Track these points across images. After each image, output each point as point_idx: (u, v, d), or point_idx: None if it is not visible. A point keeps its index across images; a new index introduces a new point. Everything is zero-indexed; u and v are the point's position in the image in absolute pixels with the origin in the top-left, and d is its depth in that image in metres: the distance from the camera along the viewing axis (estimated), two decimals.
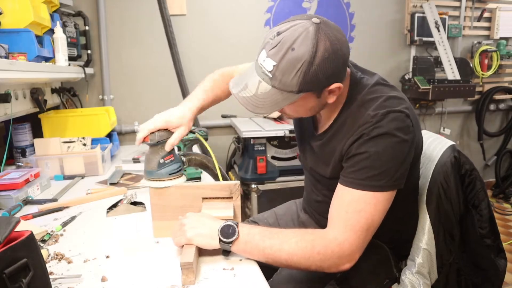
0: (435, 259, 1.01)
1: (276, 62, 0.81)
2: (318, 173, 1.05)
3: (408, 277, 1.01)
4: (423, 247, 1.01)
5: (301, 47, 0.79)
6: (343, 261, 0.84)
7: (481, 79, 3.20)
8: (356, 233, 0.84)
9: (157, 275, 0.82)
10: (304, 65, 0.79)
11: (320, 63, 0.80)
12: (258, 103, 0.86)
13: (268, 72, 0.82)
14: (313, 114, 0.97)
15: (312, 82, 0.82)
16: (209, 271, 0.83)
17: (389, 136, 0.84)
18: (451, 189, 1.00)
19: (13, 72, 1.23)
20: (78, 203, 1.27)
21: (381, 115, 0.85)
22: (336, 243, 0.84)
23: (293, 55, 0.80)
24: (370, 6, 2.88)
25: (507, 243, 2.52)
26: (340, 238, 0.84)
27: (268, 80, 0.83)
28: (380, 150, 0.84)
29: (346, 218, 0.85)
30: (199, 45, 2.62)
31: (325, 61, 0.80)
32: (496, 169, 3.40)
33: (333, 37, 0.81)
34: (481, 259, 1.03)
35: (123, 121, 2.54)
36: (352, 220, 0.84)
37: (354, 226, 0.84)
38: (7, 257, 0.58)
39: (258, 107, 0.87)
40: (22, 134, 1.72)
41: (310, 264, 0.84)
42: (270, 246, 0.84)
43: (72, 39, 2.10)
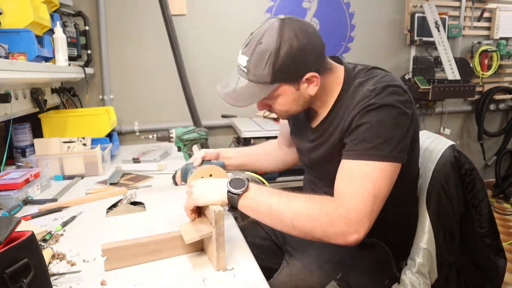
0: (435, 258, 1.01)
1: (248, 57, 0.89)
2: (317, 164, 1.05)
3: (408, 276, 1.01)
4: (423, 246, 1.01)
5: (267, 40, 0.87)
6: (350, 229, 0.80)
7: (481, 79, 3.20)
8: (364, 199, 0.81)
9: (157, 275, 0.82)
10: (272, 56, 0.86)
11: (287, 52, 0.86)
12: (237, 97, 0.94)
13: (243, 67, 0.91)
14: (302, 107, 0.98)
15: (282, 71, 0.88)
16: (209, 271, 0.83)
17: (390, 107, 0.85)
18: (451, 189, 1.01)
19: (13, 72, 1.23)
20: (78, 203, 1.27)
21: (380, 89, 0.87)
22: (344, 208, 0.81)
23: (261, 48, 0.87)
24: (370, 6, 2.88)
25: (507, 243, 2.52)
26: (347, 203, 0.81)
27: (244, 75, 0.91)
28: (382, 119, 0.84)
29: (351, 185, 0.83)
30: (198, 45, 2.61)
31: (291, 51, 0.86)
32: (496, 169, 3.40)
33: (298, 29, 0.87)
34: (481, 258, 1.03)
35: (123, 121, 2.54)
36: (358, 187, 0.82)
37: (360, 191, 0.81)
38: (8, 257, 0.58)
39: (237, 100, 0.94)
40: (22, 134, 1.72)
41: (316, 227, 0.81)
42: (277, 202, 0.84)
43: (72, 39, 2.10)
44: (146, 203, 1.24)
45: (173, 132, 1.45)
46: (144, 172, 1.63)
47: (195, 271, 0.83)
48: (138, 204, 1.23)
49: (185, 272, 0.83)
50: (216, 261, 0.82)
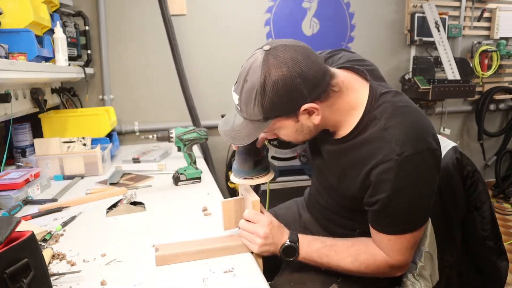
0: (437, 261, 1.01)
1: (238, 95, 0.84)
2: (326, 180, 1.03)
3: (409, 279, 1.01)
4: (424, 249, 1.00)
5: (252, 77, 0.80)
6: (395, 273, 0.95)
7: (481, 79, 3.20)
8: (403, 255, 0.90)
9: (156, 275, 0.82)
10: (258, 94, 0.79)
11: (273, 89, 0.78)
12: (235, 135, 0.89)
13: (237, 105, 0.87)
14: (310, 135, 0.91)
15: (272, 108, 0.81)
16: (209, 271, 0.83)
17: (417, 182, 0.82)
18: (453, 191, 1.00)
19: (13, 72, 1.23)
20: (78, 203, 1.27)
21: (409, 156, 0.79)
22: (387, 264, 0.91)
23: (247, 87, 0.81)
24: (370, 6, 2.88)
25: (507, 243, 2.52)
26: (389, 261, 0.91)
27: (239, 112, 0.88)
28: (412, 199, 0.83)
29: (390, 246, 0.90)
30: (198, 45, 2.61)
31: (278, 86, 0.78)
32: (496, 169, 3.40)
33: (284, 60, 0.79)
34: (483, 261, 1.03)
35: (123, 121, 2.54)
36: (396, 247, 0.89)
37: (399, 250, 0.89)
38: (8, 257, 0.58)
39: (235, 139, 0.89)
40: (22, 134, 1.72)
41: (364, 274, 0.94)
42: (328, 263, 0.93)
43: (72, 39, 2.10)
44: (146, 203, 1.24)
45: (173, 132, 1.45)
46: (144, 172, 1.63)
47: (195, 271, 0.83)
48: (138, 204, 1.23)
49: (185, 272, 0.83)
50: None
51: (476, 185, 1.00)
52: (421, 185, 0.83)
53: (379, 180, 0.82)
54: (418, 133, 0.82)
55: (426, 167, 0.82)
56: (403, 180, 0.81)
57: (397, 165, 0.79)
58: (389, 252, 0.90)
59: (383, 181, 0.81)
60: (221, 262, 0.87)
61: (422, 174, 0.82)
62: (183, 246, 0.91)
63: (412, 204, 0.84)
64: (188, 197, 1.33)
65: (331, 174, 0.98)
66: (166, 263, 0.86)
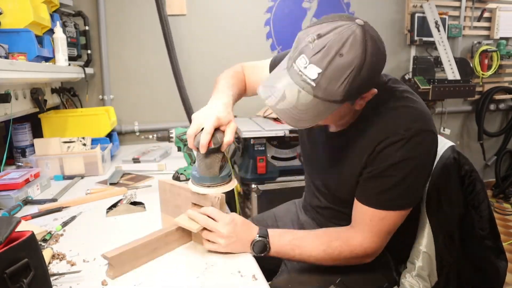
0: (435, 262, 1.00)
1: (322, 69, 0.73)
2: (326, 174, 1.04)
3: (408, 280, 1.01)
4: (422, 250, 1.00)
5: (351, 52, 0.72)
6: (366, 259, 0.94)
7: (481, 79, 3.20)
8: (380, 237, 0.91)
9: (156, 275, 0.82)
10: (354, 72, 0.73)
11: (369, 68, 0.74)
12: (300, 116, 0.78)
13: (311, 80, 0.74)
14: (343, 118, 0.91)
15: (357, 90, 0.77)
16: (209, 271, 0.83)
17: (418, 160, 0.85)
18: (450, 191, 0.99)
19: (13, 72, 1.23)
20: (78, 203, 1.27)
21: (413, 133, 0.83)
22: (362, 248, 0.91)
23: (341, 61, 0.72)
24: (370, 6, 2.88)
25: (507, 243, 2.52)
26: (365, 243, 0.90)
27: (310, 89, 0.75)
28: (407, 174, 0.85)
29: (371, 226, 0.90)
30: (199, 45, 2.61)
31: (373, 66, 0.75)
32: (496, 169, 3.40)
33: (378, 39, 0.77)
34: (482, 261, 1.02)
35: (123, 121, 2.54)
36: (376, 227, 0.90)
37: (378, 232, 0.90)
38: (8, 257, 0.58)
39: (300, 121, 0.79)
40: (22, 134, 1.72)
41: (338, 263, 0.93)
42: (300, 255, 0.92)
43: (72, 39, 2.10)
44: (146, 203, 1.24)
45: (173, 132, 1.45)
46: (144, 172, 1.63)
47: (193, 271, 0.83)
48: (138, 204, 1.23)
49: (185, 272, 0.83)
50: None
51: (474, 184, 1.00)
52: (419, 163, 0.85)
53: (383, 152, 0.85)
54: (423, 116, 0.86)
55: (427, 147, 0.86)
56: (404, 155, 0.83)
57: (402, 140, 0.83)
58: (367, 232, 0.90)
59: (385, 154, 0.85)
60: (221, 262, 0.87)
61: (423, 152, 0.85)
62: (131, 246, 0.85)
63: (405, 179, 0.85)
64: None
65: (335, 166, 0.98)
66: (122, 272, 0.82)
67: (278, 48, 2.75)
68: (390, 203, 0.88)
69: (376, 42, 0.76)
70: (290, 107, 0.78)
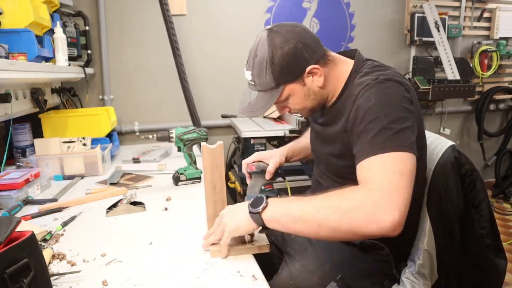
0: (435, 259, 1.01)
1: (251, 71, 0.99)
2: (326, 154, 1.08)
3: (408, 277, 1.01)
4: (423, 248, 1.01)
5: (261, 50, 0.95)
6: (378, 209, 0.73)
7: (481, 79, 3.20)
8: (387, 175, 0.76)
9: (156, 275, 0.82)
10: (268, 63, 0.94)
11: (280, 56, 0.93)
12: (252, 108, 1.02)
13: (250, 81, 1.00)
14: (317, 102, 1.02)
15: (282, 74, 0.94)
16: (209, 271, 0.83)
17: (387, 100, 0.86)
18: (451, 190, 1.00)
19: (13, 72, 1.23)
20: (78, 203, 1.27)
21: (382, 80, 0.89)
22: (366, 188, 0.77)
23: (258, 60, 0.96)
24: (370, 6, 2.88)
25: (507, 243, 2.52)
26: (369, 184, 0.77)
27: (253, 87, 1.01)
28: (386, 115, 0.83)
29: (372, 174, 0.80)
30: (199, 45, 2.61)
31: (283, 53, 0.93)
32: (496, 169, 3.40)
33: (285, 32, 0.95)
34: (481, 259, 1.03)
35: (123, 121, 2.54)
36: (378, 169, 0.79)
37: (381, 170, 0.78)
38: (8, 257, 0.58)
39: (252, 111, 1.02)
40: (22, 134, 1.72)
41: (341, 217, 0.76)
42: (297, 205, 0.82)
43: (72, 39, 2.10)
44: (146, 203, 1.24)
45: (173, 132, 1.45)
46: (144, 172, 1.63)
47: (193, 271, 0.83)
48: (138, 204, 1.23)
49: (185, 272, 0.83)
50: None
51: (474, 183, 1.01)
52: (393, 105, 0.85)
53: (360, 102, 0.89)
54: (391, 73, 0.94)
55: (396, 91, 0.88)
56: (379, 94, 0.87)
57: (372, 87, 0.89)
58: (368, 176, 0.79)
59: (363, 102, 0.88)
60: (221, 262, 0.87)
61: (393, 94, 0.87)
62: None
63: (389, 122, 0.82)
64: (188, 197, 1.33)
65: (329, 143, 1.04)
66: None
67: None
68: (384, 144, 0.80)
69: (283, 35, 0.94)
70: (246, 105, 1.03)
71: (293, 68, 0.95)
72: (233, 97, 2.69)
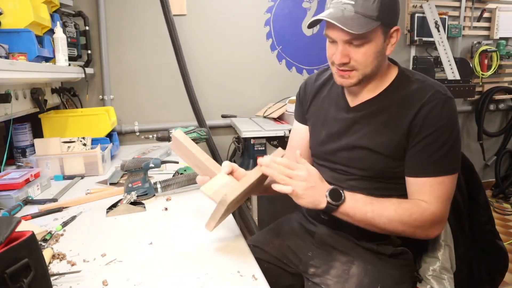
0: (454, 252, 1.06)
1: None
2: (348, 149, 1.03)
3: (433, 274, 1.03)
4: (444, 243, 1.04)
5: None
6: (434, 229, 0.94)
7: (481, 79, 3.20)
8: (444, 203, 0.93)
9: (156, 275, 0.82)
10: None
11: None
12: (349, 22, 0.89)
13: (350, 0, 0.90)
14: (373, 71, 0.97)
15: (387, 10, 0.91)
16: (209, 271, 0.83)
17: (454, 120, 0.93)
18: (460, 184, 1.07)
19: (13, 72, 1.23)
20: (78, 203, 1.27)
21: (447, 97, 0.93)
22: (429, 212, 0.91)
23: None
24: None
25: (507, 243, 2.52)
26: (432, 207, 0.91)
27: (351, 7, 0.90)
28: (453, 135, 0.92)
29: (432, 191, 0.92)
30: (199, 45, 2.62)
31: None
32: (496, 169, 3.40)
33: None
34: (487, 243, 1.12)
35: (123, 121, 2.54)
36: (437, 192, 0.92)
37: (440, 197, 0.92)
38: (8, 257, 0.58)
39: (348, 24, 0.89)
40: (22, 134, 1.72)
41: (405, 230, 0.92)
42: (372, 210, 0.91)
43: (72, 39, 2.10)
44: (146, 203, 1.24)
45: (173, 132, 1.45)
46: None
47: (193, 271, 0.83)
48: (138, 204, 1.23)
49: (186, 272, 0.83)
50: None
51: (471, 176, 1.12)
52: (457, 124, 0.94)
53: (428, 116, 0.91)
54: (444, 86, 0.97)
55: (456, 110, 0.95)
56: (448, 115, 0.92)
57: (443, 101, 0.92)
58: (431, 199, 0.92)
59: (432, 116, 0.91)
60: (221, 262, 0.87)
61: (456, 114, 0.94)
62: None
63: (454, 141, 0.92)
64: (188, 197, 1.33)
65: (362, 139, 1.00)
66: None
67: (278, 48, 2.75)
68: (447, 168, 0.92)
69: None
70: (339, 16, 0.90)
71: (394, 12, 0.95)
72: (233, 97, 2.70)
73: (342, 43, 0.93)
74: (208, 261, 0.87)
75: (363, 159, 1.00)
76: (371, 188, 0.99)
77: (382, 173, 0.99)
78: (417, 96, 0.94)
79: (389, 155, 0.96)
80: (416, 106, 0.93)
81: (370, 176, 1.00)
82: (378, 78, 1.01)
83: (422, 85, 0.96)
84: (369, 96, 1.02)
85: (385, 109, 0.98)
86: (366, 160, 1.00)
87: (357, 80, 0.98)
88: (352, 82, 0.98)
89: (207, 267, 0.85)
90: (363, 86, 1.02)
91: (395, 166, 0.97)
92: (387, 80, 1.01)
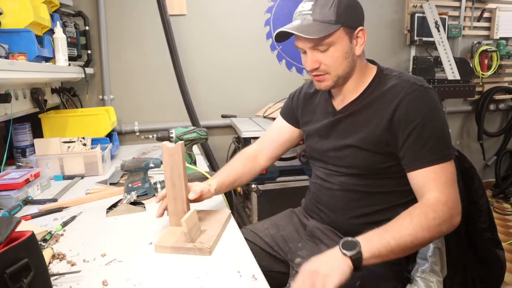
0: (445, 256, 1.04)
1: (314, 1, 0.97)
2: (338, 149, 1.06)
3: (421, 276, 1.02)
4: (434, 245, 1.03)
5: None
6: (454, 216, 0.90)
7: (481, 79, 3.20)
8: (451, 188, 0.91)
9: (156, 275, 0.82)
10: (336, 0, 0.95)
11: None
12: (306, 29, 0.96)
13: (308, 11, 0.97)
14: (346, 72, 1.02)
15: (345, 14, 0.96)
16: (209, 271, 0.83)
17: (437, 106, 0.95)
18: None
19: (13, 72, 1.23)
20: (78, 203, 1.27)
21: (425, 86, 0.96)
22: (441, 202, 0.89)
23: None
24: (370, 6, 2.88)
25: (507, 243, 2.52)
26: (442, 197, 0.89)
27: (309, 17, 0.97)
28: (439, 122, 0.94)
29: (437, 179, 0.91)
30: (199, 45, 2.62)
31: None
32: (496, 169, 3.40)
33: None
34: (485, 252, 1.08)
35: (123, 121, 2.54)
36: (442, 178, 0.91)
37: (446, 182, 0.91)
38: (8, 257, 0.58)
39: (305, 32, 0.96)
40: (22, 134, 1.73)
41: (433, 234, 0.87)
42: (392, 237, 0.84)
43: (72, 39, 2.10)
44: (146, 203, 1.24)
45: (173, 132, 1.45)
46: None
47: (193, 272, 0.83)
48: (138, 204, 1.23)
49: (185, 272, 0.83)
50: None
51: (472, 180, 1.08)
52: (441, 111, 0.96)
53: (409, 108, 0.94)
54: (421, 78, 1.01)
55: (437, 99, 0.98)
56: (429, 104, 0.95)
57: (421, 92, 0.95)
58: (437, 187, 0.90)
59: (413, 108, 0.94)
60: (221, 262, 0.87)
61: (438, 103, 0.97)
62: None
63: (442, 127, 0.94)
64: None
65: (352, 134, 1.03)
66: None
67: (278, 48, 2.75)
68: (445, 153, 0.92)
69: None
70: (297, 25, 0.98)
71: (354, 15, 0.99)
72: (233, 97, 2.69)
73: (310, 51, 1.00)
74: (208, 261, 0.87)
75: (350, 157, 1.04)
76: (360, 184, 1.04)
77: (370, 169, 1.02)
78: (394, 91, 0.98)
79: (374, 150, 0.99)
80: (395, 101, 0.96)
81: (359, 173, 1.04)
82: (357, 78, 1.05)
83: (398, 81, 1.00)
84: (352, 97, 1.06)
85: (367, 106, 1.02)
86: (353, 158, 1.03)
87: (332, 82, 1.03)
88: (328, 84, 1.04)
89: (207, 267, 0.85)
90: (344, 88, 1.06)
91: (382, 161, 1.00)
92: (366, 79, 1.05)
